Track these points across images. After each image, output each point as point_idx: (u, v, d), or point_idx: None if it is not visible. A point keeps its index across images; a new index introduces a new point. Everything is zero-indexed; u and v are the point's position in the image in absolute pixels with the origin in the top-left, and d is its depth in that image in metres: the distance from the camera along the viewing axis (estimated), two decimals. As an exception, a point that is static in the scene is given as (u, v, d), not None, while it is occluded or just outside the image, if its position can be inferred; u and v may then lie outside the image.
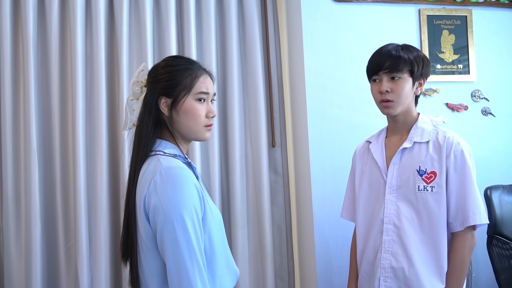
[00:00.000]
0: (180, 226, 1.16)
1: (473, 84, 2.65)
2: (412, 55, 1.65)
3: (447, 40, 2.63)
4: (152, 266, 1.24)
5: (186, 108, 1.33)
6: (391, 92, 1.64)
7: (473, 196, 1.60)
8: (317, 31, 2.48)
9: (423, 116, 1.73)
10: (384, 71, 1.65)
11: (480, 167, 2.63)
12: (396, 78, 1.63)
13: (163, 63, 1.38)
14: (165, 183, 1.19)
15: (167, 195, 1.18)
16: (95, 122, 2.37)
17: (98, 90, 2.36)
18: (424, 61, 1.67)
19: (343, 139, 2.48)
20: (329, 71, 2.49)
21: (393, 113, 1.68)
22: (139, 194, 1.25)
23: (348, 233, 2.46)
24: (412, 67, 1.63)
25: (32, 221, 2.27)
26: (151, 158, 1.28)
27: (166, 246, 1.17)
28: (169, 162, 1.24)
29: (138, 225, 1.24)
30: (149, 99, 1.32)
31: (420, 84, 1.69)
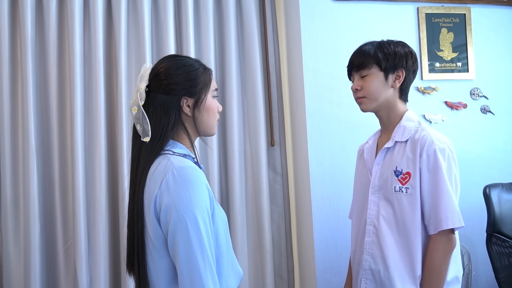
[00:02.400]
0: (193, 226, 1.16)
1: (472, 82, 2.65)
2: (384, 50, 1.64)
3: (446, 38, 2.62)
4: (159, 266, 1.23)
5: (208, 106, 1.35)
6: (361, 90, 1.65)
7: (445, 199, 1.52)
8: (315, 29, 2.47)
9: (411, 114, 1.68)
10: (354, 70, 1.69)
11: (479, 165, 2.64)
12: (364, 75, 1.65)
13: (173, 63, 1.35)
14: (178, 182, 1.18)
15: (180, 194, 1.17)
16: (94, 121, 2.37)
17: (96, 89, 2.35)
18: (398, 54, 1.63)
19: (342, 138, 2.48)
20: (328, 70, 2.48)
21: (366, 109, 1.68)
22: (148, 194, 1.23)
23: (347, 232, 2.46)
24: (379, 62, 1.62)
25: (30, 220, 2.27)
26: (160, 158, 1.27)
27: (178, 246, 1.16)
28: (180, 162, 1.24)
29: (146, 225, 1.23)
30: (167, 101, 1.29)
31: (398, 76, 1.64)
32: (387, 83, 1.64)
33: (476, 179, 2.61)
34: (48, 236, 2.38)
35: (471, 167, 2.62)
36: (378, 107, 1.67)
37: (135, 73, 2.43)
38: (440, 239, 1.53)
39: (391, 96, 1.65)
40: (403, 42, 1.71)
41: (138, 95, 1.28)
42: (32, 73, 2.30)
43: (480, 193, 2.40)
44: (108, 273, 2.37)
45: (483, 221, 2.39)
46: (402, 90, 1.67)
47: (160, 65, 1.34)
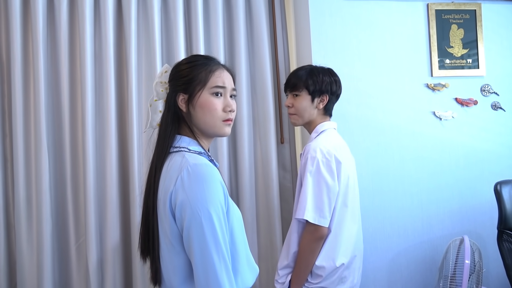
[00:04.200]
0: (208, 223, 1.17)
1: (483, 78, 2.64)
2: (314, 77, 2.00)
3: (456, 34, 2.61)
4: (175, 262, 1.24)
5: (202, 103, 1.34)
6: (292, 107, 2.04)
7: (304, 196, 1.86)
8: (324, 26, 2.48)
9: (320, 126, 2.02)
10: (288, 89, 2.07)
11: (490, 162, 2.63)
12: (296, 95, 2.02)
13: (183, 61, 1.41)
14: (192, 180, 1.20)
15: (195, 191, 1.18)
16: (104, 119, 2.39)
17: (107, 88, 2.37)
18: (324, 82, 2.00)
19: (351, 135, 2.48)
20: (337, 67, 2.47)
21: (295, 123, 2.08)
22: (163, 191, 1.25)
23: (357, 229, 2.47)
24: (308, 87, 1.99)
25: (43, 218, 2.29)
26: (175, 155, 1.29)
27: (193, 243, 1.17)
28: (195, 159, 1.25)
29: (163, 222, 1.24)
30: (168, 97, 1.36)
31: (323, 99, 2.01)
32: (313, 105, 2.02)
33: (486, 176, 2.60)
34: (60, 234, 2.41)
35: (482, 164, 2.62)
36: (304, 123, 2.06)
37: (146, 72, 2.44)
38: (307, 228, 1.87)
39: (315, 114, 2.03)
40: (331, 70, 2.08)
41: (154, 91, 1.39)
42: (44, 72, 2.32)
43: (491, 190, 2.39)
44: (120, 270, 2.39)
45: (494, 218, 2.38)
46: (325, 109, 2.05)
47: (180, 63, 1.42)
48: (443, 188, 2.57)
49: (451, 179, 2.58)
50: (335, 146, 1.94)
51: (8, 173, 2.39)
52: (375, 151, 2.51)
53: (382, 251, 2.49)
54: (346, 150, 2.05)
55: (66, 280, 2.41)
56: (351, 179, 1.99)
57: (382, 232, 2.49)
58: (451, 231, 2.56)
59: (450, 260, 2.31)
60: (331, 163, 1.88)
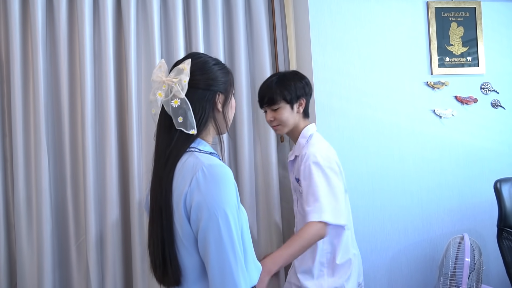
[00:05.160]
0: (224, 224, 1.17)
1: (483, 76, 2.64)
2: (287, 87, 2.01)
3: (456, 32, 2.61)
4: (187, 263, 1.24)
5: (233, 103, 1.42)
6: (275, 120, 2.05)
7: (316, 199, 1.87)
8: (324, 25, 2.47)
9: (306, 130, 2.06)
10: (265, 105, 2.07)
11: (489, 159, 2.63)
12: (276, 109, 2.03)
13: (208, 59, 1.36)
14: (208, 180, 1.19)
15: (211, 193, 1.18)
16: (104, 119, 2.38)
17: (107, 88, 2.37)
18: (298, 87, 2.02)
19: (351, 133, 2.48)
20: (337, 65, 2.48)
21: (282, 133, 2.11)
22: (177, 191, 1.23)
23: (356, 227, 2.47)
24: (285, 97, 2.01)
25: (43, 218, 2.29)
26: (186, 155, 1.28)
27: (209, 243, 1.17)
28: (209, 160, 1.24)
29: (175, 222, 1.23)
30: (203, 96, 1.30)
31: (301, 103, 2.05)
32: (293, 111, 2.04)
33: (486, 174, 2.60)
34: (60, 233, 2.40)
35: (482, 162, 2.62)
36: (289, 130, 2.08)
37: (145, 71, 2.44)
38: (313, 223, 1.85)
39: (297, 119, 2.06)
40: (298, 73, 2.10)
41: (179, 88, 1.26)
42: (43, 72, 2.32)
43: (490, 188, 2.40)
44: (120, 269, 2.39)
45: (494, 216, 2.38)
46: (304, 112, 2.08)
47: (196, 60, 1.33)
48: (443, 186, 2.57)
49: (451, 177, 2.58)
50: (329, 149, 2.01)
51: (8, 173, 2.38)
52: (375, 149, 2.51)
53: (382, 250, 2.49)
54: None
55: (66, 279, 2.41)
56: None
57: (382, 231, 2.50)
58: (451, 229, 2.56)
59: (450, 258, 2.31)
60: (334, 166, 1.94)
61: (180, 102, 1.25)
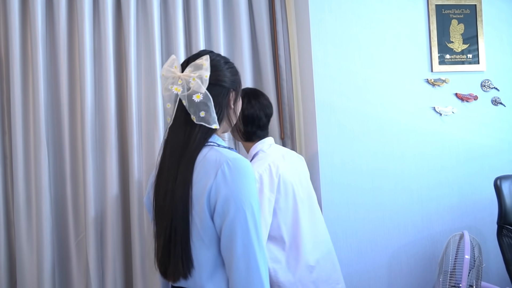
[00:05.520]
0: (251, 216, 1.19)
1: (483, 74, 2.63)
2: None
3: (456, 29, 2.61)
4: (201, 256, 1.24)
5: (240, 102, 1.45)
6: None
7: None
8: (324, 22, 2.47)
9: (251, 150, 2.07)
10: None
11: (490, 157, 2.63)
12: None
13: (221, 57, 1.38)
14: (234, 174, 1.20)
15: (238, 186, 1.19)
16: (104, 116, 2.37)
17: (107, 85, 2.35)
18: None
19: (352, 130, 2.48)
20: (337, 62, 2.48)
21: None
22: (199, 185, 1.22)
23: (357, 225, 2.47)
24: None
25: (43, 215, 2.28)
26: (206, 148, 1.28)
27: (236, 236, 1.18)
28: (231, 154, 1.26)
29: (193, 216, 1.22)
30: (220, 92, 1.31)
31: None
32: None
33: (486, 171, 2.60)
34: (59, 230, 2.40)
35: (482, 159, 2.62)
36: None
37: (145, 68, 2.43)
38: None
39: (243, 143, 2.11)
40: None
41: (200, 83, 1.25)
42: (43, 69, 2.31)
43: (491, 185, 2.40)
44: (120, 266, 2.39)
45: (494, 213, 2.38)
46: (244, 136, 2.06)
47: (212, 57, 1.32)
48: (443, 184, 2.57)
49: (451, 174, 2.58)
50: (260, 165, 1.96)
51: (8, 170, 2.38)
52: (375, 146, 2.51)
53: (382, 247, 2.50)
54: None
55: (66, 276, 2.41)
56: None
57: (382, 228, 2.50)
58: (451, 226, 2.56)
59: (450, 256, 2.31)
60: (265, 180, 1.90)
61: (203, 97, 1.25)
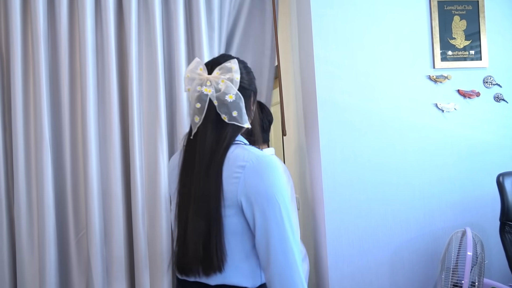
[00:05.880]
0: (284, 207, 1.26)
1: (485, 70, 2.62)
2: None
3: (459, 26, 2.60)
4: (232, 248, 1.30)
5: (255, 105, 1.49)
6: None
7: None
8: (326, 18, 2.46)
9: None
10: None
11: (492, 153, 2.62)
12: None
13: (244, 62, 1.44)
14: (265, 169, 1.27)
15: (270, 180, 1.27)
16: (106, 112, 2.35)
17: (109, 81, 2.33)
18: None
19: (353, 127, 2.47)
20: (339, 59, 2.47)
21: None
22: (229, 180, 1.28)
23: (359, 222, 2.47)
24: None
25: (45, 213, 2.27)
26: (233, 146, 1.34)
27: (271, 227, 1.25)
28: (258, 151, 1.33)
29: (226, 210, 1.29)
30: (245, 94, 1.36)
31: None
32: None
33: (489, 168, 2.59)
34: (60, 228, 2.39)
35: (484, 155, 2.61)
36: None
37: (146, 64, 2.41)
38: None
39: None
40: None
41: (231, 84, 1.31)
42: (45, 66, 2.30)
43: (493, 182, 2.39)
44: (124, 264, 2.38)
45: (496, 210, 2.38)
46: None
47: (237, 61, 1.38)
48: (445, 180, 2.56)
49: (453, 171, 2.57)
50: None
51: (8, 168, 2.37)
52: (377, 143, 2.50)
53: (384, 244, 2.49)
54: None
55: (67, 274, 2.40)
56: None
57: (384, 225, 2.49)
58: (453, 223, 2.56)
59: (452, 252, 2.31)
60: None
61: (235, 97, 1.31)
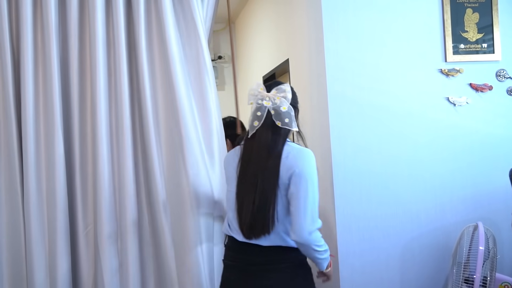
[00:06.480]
0: (312, 185, 1.78)
1: (498, 63, 2.60)
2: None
3: (471, 19, 2.57)
4: (279, 210, 1.82)
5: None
6: None
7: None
8: (336, 11, 2.45)
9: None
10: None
11: (505, 148, 2.60)
12: None
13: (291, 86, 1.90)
14: (304, 158, 1.80)
15: (306, 166, 1.79)
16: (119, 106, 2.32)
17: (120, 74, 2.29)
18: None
19: (364, 121, 2.47)
20: (350, 53, 2.46)
21: None
22: (285, 167, 1.79)
23: (369, 215, 2.46)
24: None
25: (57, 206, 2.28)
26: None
27: (308, 197, 1.76)
28: (299, 146, 1.87)
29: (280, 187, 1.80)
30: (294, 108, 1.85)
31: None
32: None
33: (501, 162, 2.58)
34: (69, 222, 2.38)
35: (497, 150, 2.59)
36: None
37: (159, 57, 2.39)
38: None
39: None
40: None
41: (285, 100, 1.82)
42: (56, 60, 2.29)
43: (505, 176, 2.37)
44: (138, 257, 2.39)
45: (509, 204, 2.37)
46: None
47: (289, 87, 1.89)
48: (456, 174, 2.55)
49: (465, 165, 2.56)
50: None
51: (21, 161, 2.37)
52: (387, 136, 2.49)
53: (394, 237, 2.49)
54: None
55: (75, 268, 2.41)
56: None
57: (395, 218, 2.49)
58: (465, 217, 2.54)
59: (463, 247, 2.30)
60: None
61: (288, 109, 1.82)
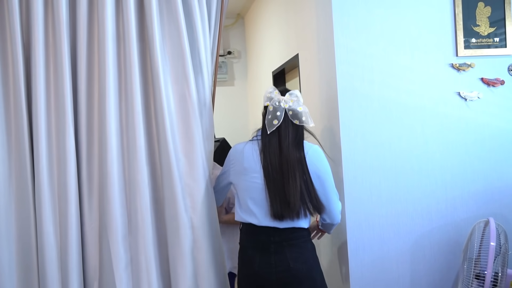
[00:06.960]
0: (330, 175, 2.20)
1: (510, 58, 2.58)
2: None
3: (483, 12, 2.55)
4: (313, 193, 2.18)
5: None
6: None
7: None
8: (346, 5, 2.43)
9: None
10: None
11: (517, 143, 2.58)
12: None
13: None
14: (320, 156, 2.19)
15: (325, 164, 2.20)
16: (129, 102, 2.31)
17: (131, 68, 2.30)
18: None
19: (374, 116, 2.45)
20: (360, 47, 2.45)
21: None
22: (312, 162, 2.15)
23: (379, 211, 2.45)
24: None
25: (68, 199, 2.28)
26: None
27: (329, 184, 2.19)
28: (311, 143, 2.21)
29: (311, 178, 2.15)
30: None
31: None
32: None
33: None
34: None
35: (508, 145, 2.57)
36: None
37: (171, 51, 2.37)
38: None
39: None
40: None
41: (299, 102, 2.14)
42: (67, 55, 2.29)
43: (517, 171, 2.36)
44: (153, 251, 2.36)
45: (521, 200, 2.35)
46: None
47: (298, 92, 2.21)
48: (467, 170, 2.53)
49: (476, 160, 2.54)
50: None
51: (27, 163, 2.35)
52: (398, 131, 2.48)
53: (405, 233, 2.48)
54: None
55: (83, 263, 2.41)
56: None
57: (405, 213, 2.48)
58: (476, 213, 2.52)
59: (474, 243, 2.28)
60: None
61: (303, 109, 2.12)
